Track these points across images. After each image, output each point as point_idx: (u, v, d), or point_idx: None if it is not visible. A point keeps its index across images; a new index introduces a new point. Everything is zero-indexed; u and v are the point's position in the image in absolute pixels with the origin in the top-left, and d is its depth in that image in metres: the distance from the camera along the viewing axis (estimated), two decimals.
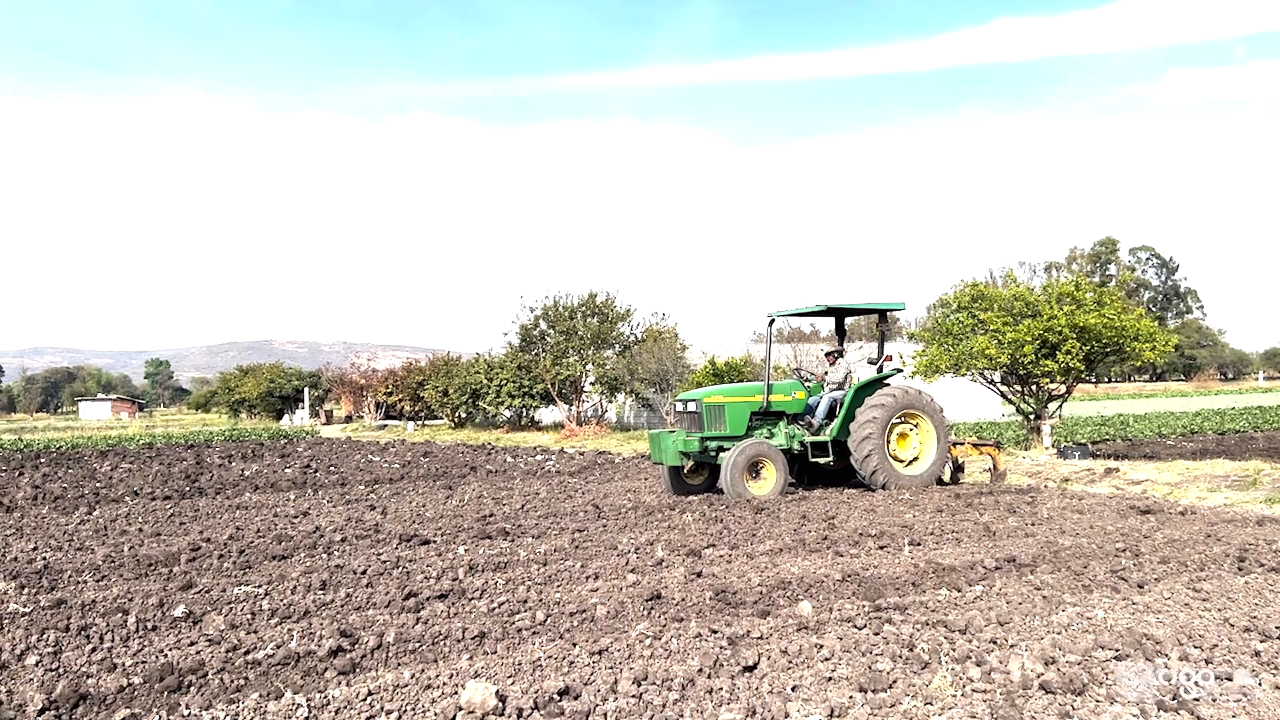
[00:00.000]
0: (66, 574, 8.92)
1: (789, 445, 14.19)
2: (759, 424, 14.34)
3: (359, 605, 7.44)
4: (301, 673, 5.74)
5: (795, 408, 14.52)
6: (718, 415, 13.94)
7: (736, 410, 14.04)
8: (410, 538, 10.50)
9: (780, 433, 14.33)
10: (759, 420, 14.32)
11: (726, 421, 13.94)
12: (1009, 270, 32.96)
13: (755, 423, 14.28)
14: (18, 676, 5.79)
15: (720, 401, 14.02)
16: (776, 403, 14.31)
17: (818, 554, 9.14)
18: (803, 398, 14.60)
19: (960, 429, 26.62)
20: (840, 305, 14.62)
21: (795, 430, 14.42)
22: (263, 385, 60.55)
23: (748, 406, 14.12)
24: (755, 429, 14.28)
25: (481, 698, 4.94)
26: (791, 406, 14.48)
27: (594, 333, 33.64)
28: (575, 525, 11.21)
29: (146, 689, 5.44)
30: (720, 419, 13.94)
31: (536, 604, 7.28)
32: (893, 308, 15.16)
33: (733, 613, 6.96)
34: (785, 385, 14.62)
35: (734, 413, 14.01)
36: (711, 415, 13.93)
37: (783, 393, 14.43)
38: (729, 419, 13.96)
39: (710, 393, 14.21)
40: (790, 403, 14.47)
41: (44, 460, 25.50)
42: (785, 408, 14.41)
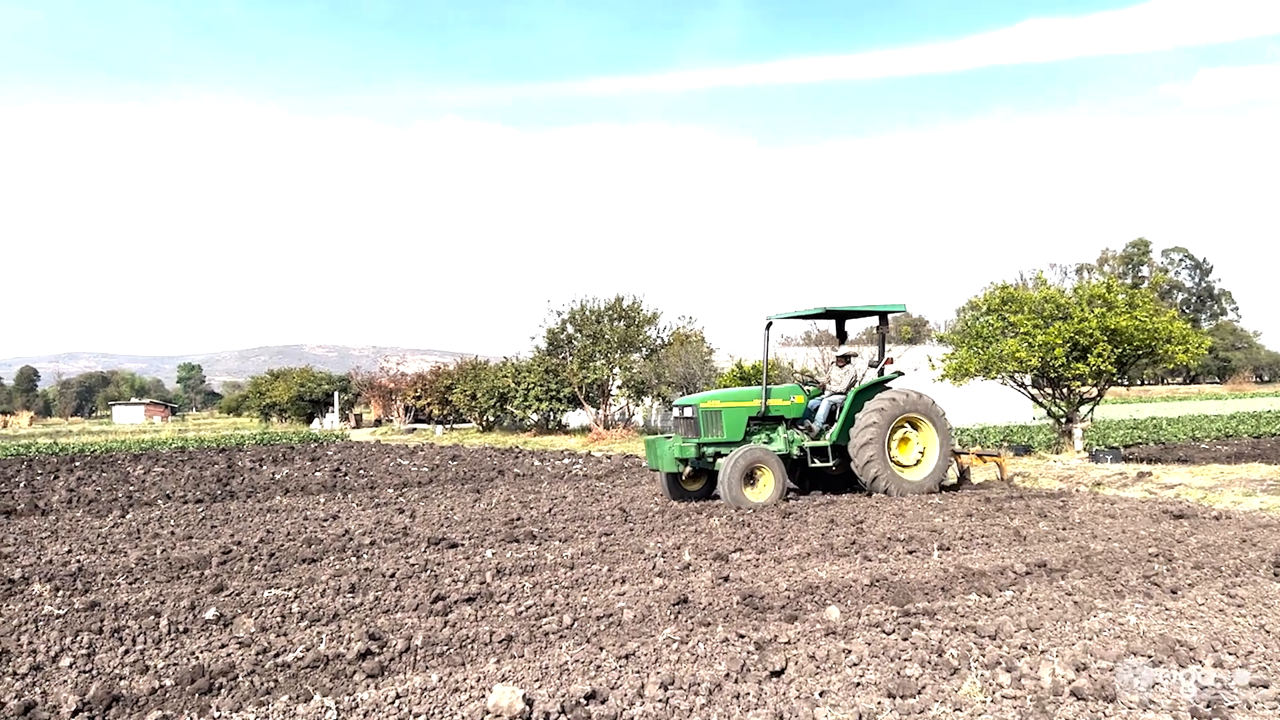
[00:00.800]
0: (100, 577, 9.03)
1: (788, 450, 14.01)
2: (757, 429, 14.14)
3: (387, 608, 7.47)
4: (330, 675, 5.78)
5: (795, 412, 14.30)
6: (714, 421, 13.75)
7: (734, 415, 13.83)
8: (438, 541, 10.55)
9: (779, 438, 14.12)
10: (757, 425, 14.13)
11: (724, 427, 13.76)
12: (1039, 272, 32.75)
13: (753, 428, 14.08)
14: (52, 678, 5.86)
15: (717, 407, 13.82)
16: (775, 407, 14.10)
17: (845, 558, 9.09)
18: (802, 402, 14.38)
19: (990, 432, 26.43)
20: (838, 307, 14.47)
21: (795, 435, 14.22)
22: (293, 389, 61.01)
23: (745, 411, 13.90)
24: (753, 434, 14.07)
25: (508, 701, 4.95)
26: (791, 411, 14.26)
27: (621, 336, 33.65)
28: (602, 529, 11.21)
29: (178, 691, 5.49)
30: (717, 424, 13.75)
31: (563, 608, 7.29)
32: (893, 309, 14.91)
33: (760, 617, 6.94)
34: (784, 389, 14.42)
35: (731, 418, 13.80)
36: (708, 421, 13.74)
37: (781, 397, 14.22)
38: (726, 424, 13.77)
39: (706, 398, 14.05)
40: (789, 407, 14.24)
41: (78, 464, 25.83)
42: (784, 412, 14.19)
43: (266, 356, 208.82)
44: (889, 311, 14.95)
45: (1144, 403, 59.78)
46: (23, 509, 15.29)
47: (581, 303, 35.06)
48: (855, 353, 15.31)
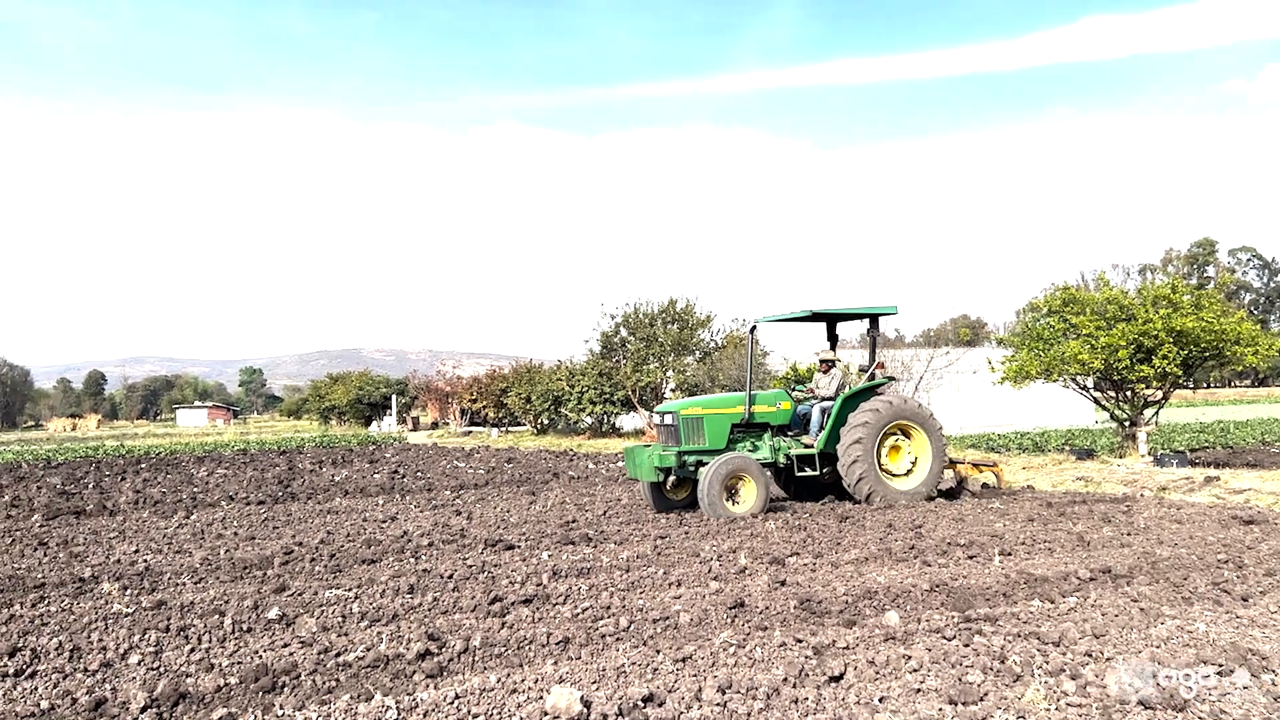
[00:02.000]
0: (166, 576, 9.22)
1: (774, 458, 13.52)
2: (742, 436, 13.64)
3: (446, 609, 7.54)
4: (390, 675, 5.84)
5: (781, 419, 13.78)
6: (696, 428, 13.24)
7: (716, 422, 13.33)
8: (495, 543, 10.62)
9: (765, 445, 13.62)
10: (742, 433, 13.62)
11: (706, 435, 13.24)
12: (1101, 273, 32.16)
13: (738, 435, 13.58)
14: (121, 675, 6.00)
15: (699, 413, 13.31)
16: (760, 414, 13.59)
17: (904, 563, 8.99)
18: (788, 408, 13.85)
19: (1051, 436, 26.00)
20: (826, 310, 14.04)
21: (782, 442, 13.72)
22: (352, 393, 61.88)
23: (728, 418, 13.40)
24: (737, 442, 13.57)
25: (566, 703, 4.97)
26: (777, 418, 13.74)
27: (674, 339, 33.66)
28: (657, 532, 11.21)
29: (242, 689, 5.59)
30: (699, 432, 13.24)
31: (620, 610, 7.29)
32: (884, 312, 14.22)
33: (818, 622, 6.89)
34: (769, 395, 13.88)
35: (713, 425, 13.31)
36: (689, 428, 13.23)
37: (767, 403, 13.70)
38: (708, 432, 13.26)
39: (688, 404, 13.57)
40: (775, 414, 13.72)
41: (144, 466, 26.42)
42: (770, 419, 13.68)
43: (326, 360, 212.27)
44: (880, 314, 14.29)
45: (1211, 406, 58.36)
46: (92, 510, 15.68)
47: (635, 306, 35.17)
48: (838, 357, 14.69)
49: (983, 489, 14.53)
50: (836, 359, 14.53)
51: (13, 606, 7.97)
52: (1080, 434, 27.03)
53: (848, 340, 42.55)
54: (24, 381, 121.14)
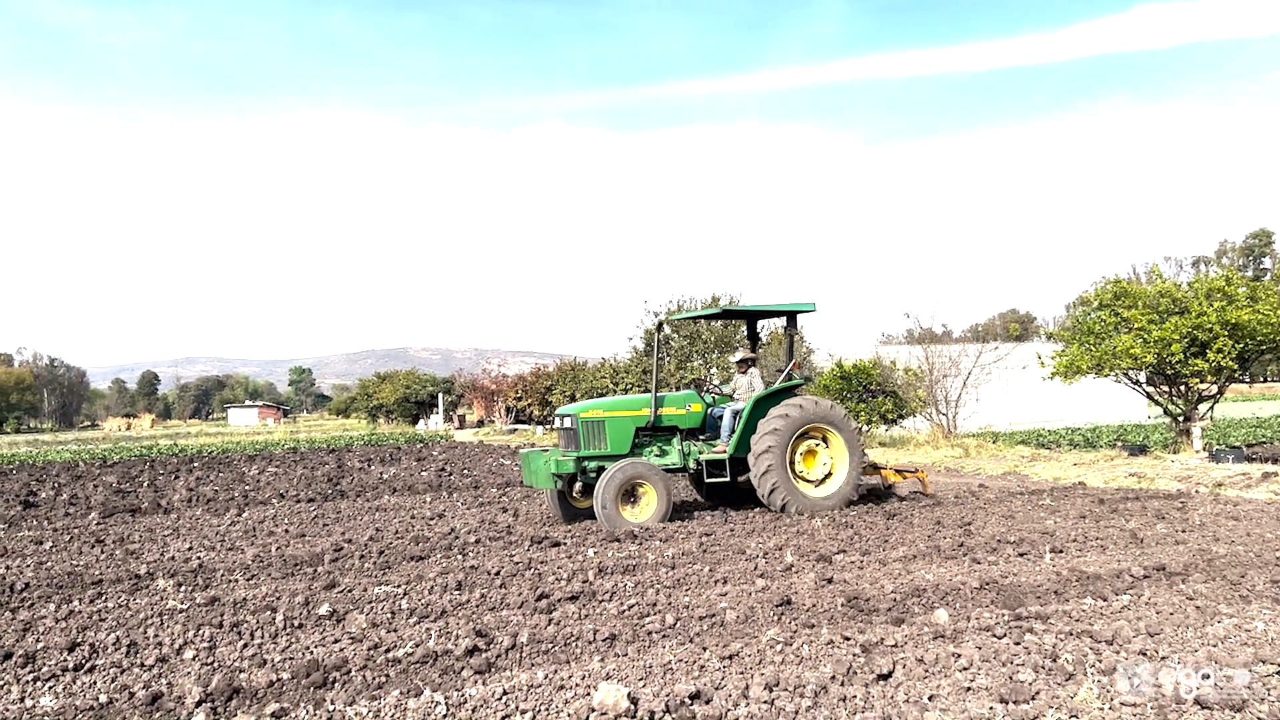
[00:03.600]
0: (219, 573, 9.37)
1: (684, 464, 12.83)
2: (649, 440, 12.87)
3: (493, 606, 7.59)
4: (439, 671, 5.89)
5: (691, 422, 13.06)
6: (596, 432, 12.48)
7: (619, 426, 12.54)
8: (541, 540, 10.66)
9: (674, 450, 12.88)
10: (649, 436, 12.85)
11: (607, 438, 12.46)
12: (1154, 266, 31.55)
13: (644, 439, 12.81)
14: (177, 670, 6.11)
15: (599, 416, 12.53)
16: (668, 416, 12.85)
17: (953, 561, 8.90)
18: (699, 410, 13.13)
19: (1103, 432, 25.60)
20: (737, 307, 13.49)
21: (693, 447, 13.00)
22: (399, 391, 62.48)
23: (632, 421, 12.61)
24: (644, 446, 12.81)
25: (614, 700, 4.98)
26: (687, 421, 13.01)
27: (718, 336, 33.56)
28: (702, 529, 11.19)
29: (294, 684, 5.67)
30: (600, 436, 12.48)
31: (666, 607, 7.29)
32: (802, 309, 13.44)
33: (865, 620, 6.84)
34: (679, 397, 13.13)
35: (616, 428, 12.52)
36: (589, 432, 12.46)
37: (675, 405, 12.97)
38: (610, 436, 12.48)
39: (587, 406, 12.82)
40: (685, 416, 13.00)
41: (197, 464, 26.87)
42: (679, 422, 12.94)
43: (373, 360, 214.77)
44: (798, 311, 13.51)
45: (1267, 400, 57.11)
46: (146, 507, 15.98)
47: (678, 303, 35.07)
48: (756, 357, 13.90)
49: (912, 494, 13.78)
50: (755, 359, 13.80)
51: (71, 602, 8.15)
52: (1133, 429, 26.58)
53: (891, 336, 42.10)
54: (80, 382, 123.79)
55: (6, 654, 6.42)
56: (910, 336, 28.51)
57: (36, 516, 15.16)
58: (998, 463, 19.70)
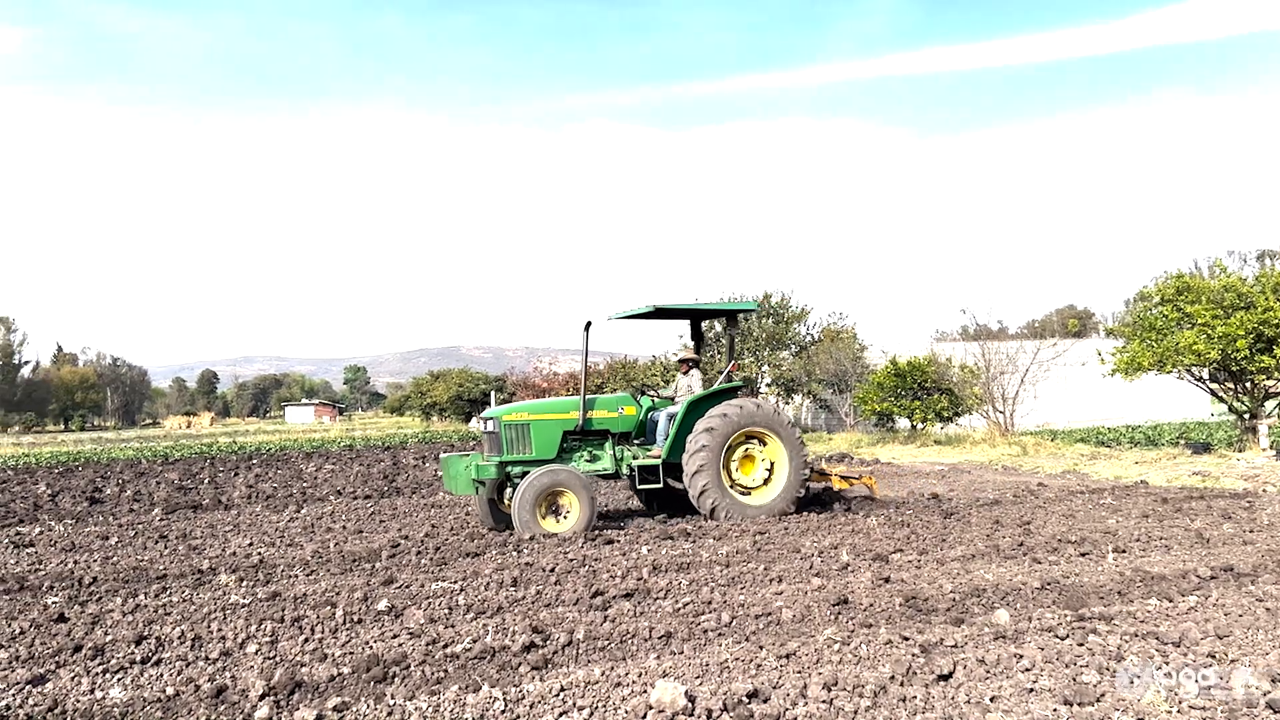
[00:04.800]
0: (279, 568, 9.52)
1: (616, 469, 12.29)
2: (578, 445, 12.28)
3: (548, 602, 7.62)
4: (497, 667, 5.93)
5: (624, 425, 12.39)
6: (521, 436, 11.87)
7: (545, 429, 11.94)
8: (594, 537, 10.68)
9: (606, 455, 12.32)
10: (578, 440, 12.26)
11: (532, 443, 11.87)
12: (1217, 260, 30.85)
13: (573, 443, 12.23)
14: (240, 663, 6.21)
15: (524, 419, 11.94)
16: (599, 420, 12.22)
17: (1013, 560, 8.77)
18: (633, 414, 12.45)
19: (1165, 430, 25.08)
20: (670, 305, 12.51)
21: (626, 452, 12.39)
22: (452, 389, 63.04)
23: (559, 425, 12.02)
24: (573, 451, 12.24)
25: (671, 697, 4.97)
26: (619, 424, 12.35)
27: (769, 333, 33.41)
28: (756, 527, 11.14)
29: (355, 679, 5.74)
30: (524, 440, 11.87)
31: (721, 605, 7.27)
32: (742, 309, 13.00)
33: (924, 619, 6.76)
34: (611, 400, 12.52)
35: (542, 432, 11.92)
36: (513, 435, 11.85)
37: (607, 408, 12.33)
38: (535, 440, 11.88)
39: (511, 409, 12.24)
40: (617, 420, 12.34)
41: (255, 461, 27.31)
42: (611, 425, 12.30)
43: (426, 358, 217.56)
44: (738, 311, 12.93)
45: None
46: (207, 504, 16.29)
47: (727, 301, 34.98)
48: (698, 358, 13.27)
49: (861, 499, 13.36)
50: (697, 359, 13.20)
51: (137, 596, 8.32)
52: (1196, 427, 26.01)
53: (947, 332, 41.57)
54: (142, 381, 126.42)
55: (76, 646, 6.58)
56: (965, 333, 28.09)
57: (102, 512, 15.53)
58: (1056, 461, 19.39)
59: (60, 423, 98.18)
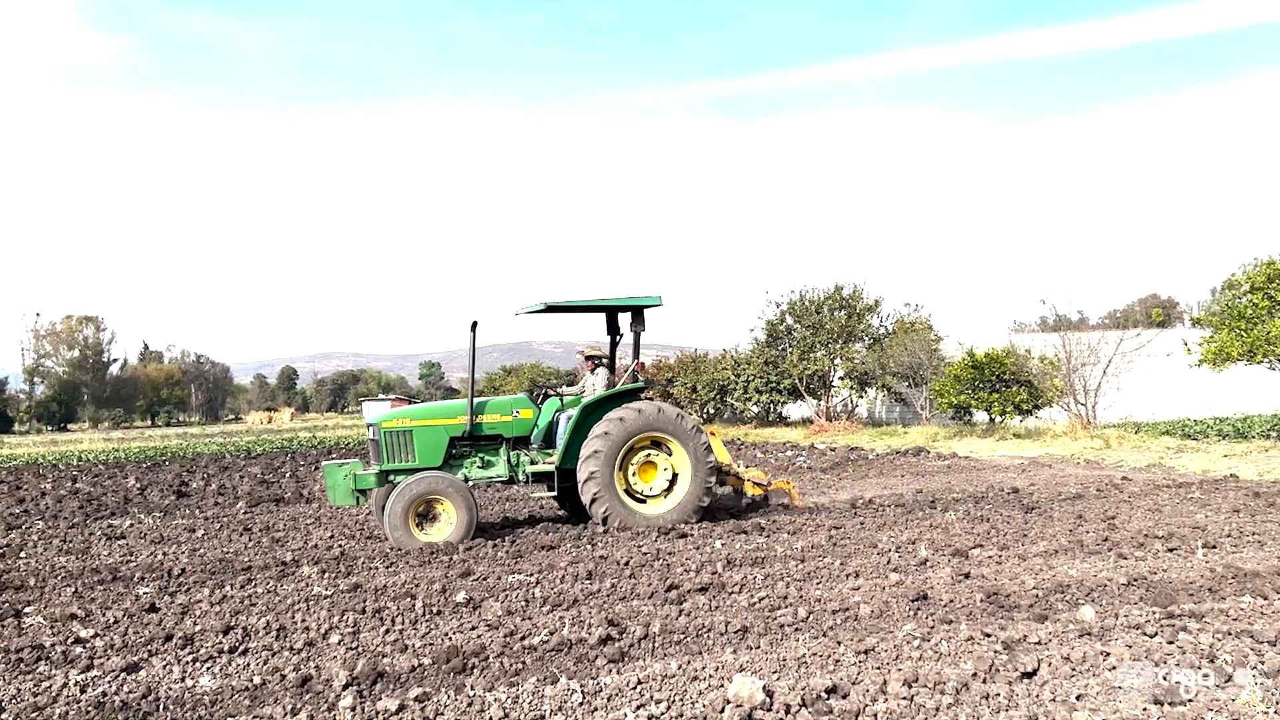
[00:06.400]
0: (360, 560, 9.69)
1: (511, 475, 11.65)
2: (469, 451, 11.65)
3: (623, 596, 7.64)
4: (574, 659, 5.97)
5: (519, 429, 11.72)
6: (402, 442, 11.25)
7: (429, 435, 11.29)
8: (668, 531, 10.69)
9: (500, 461, 11.67)
10: (468, 446, 11.61)
11: (415, 450, 11.25)
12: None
13: (463, 449, 11.60)
14: (324, 653, 6.34)
15: (405, 425, 11.31)
16: (489, 424, 11.55)
17: (1097, 556, 8.56)
18: (529, 416, 11.76)
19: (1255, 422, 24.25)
20: (565, 302, 11.82)
21: (523, 457, 11.73)
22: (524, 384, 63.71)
23: (444, 430, 11.36)
24: (463, 458, 11.62)
25: (749, 692, 4.95)
26: (513, 428, 11.68)
27: (841, 326, 33.08)
28: (831, 522, 11.04)
29: (435, 669, 5.82)
30: (406, 447, 11.25)
31: (797, 600, 7.22)
32: (647, 304, 11.89)
33: (1006, 616, 6.64)
34: (503, 403, 11.85)
35: (425, 438, 11.26)
36: (394, 443, 11.23)
37: (499, 412, 11.66)
38: (419, 447, 11.25)
39: (393, 415, 11.63)
40: (511, 424, 11.66)
41: (335, 455, 27.86)
42: (504, 430, 11.63)
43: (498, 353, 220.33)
44: (643, 305, 11.95)
45: None
46: (289, 497, 16.65)
47: (800, 293, 34.74)
48: (604, 357, 12.46)
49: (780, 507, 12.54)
50: (602, 358, 12.38)
51: (224, 587, 8.54)
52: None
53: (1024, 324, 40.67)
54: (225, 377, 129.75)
55: (167, 636, 6.77)
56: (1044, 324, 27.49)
57: (189, 506, 15.96)
58: (1141, 454, 18.88)
59: (147, 418, 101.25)
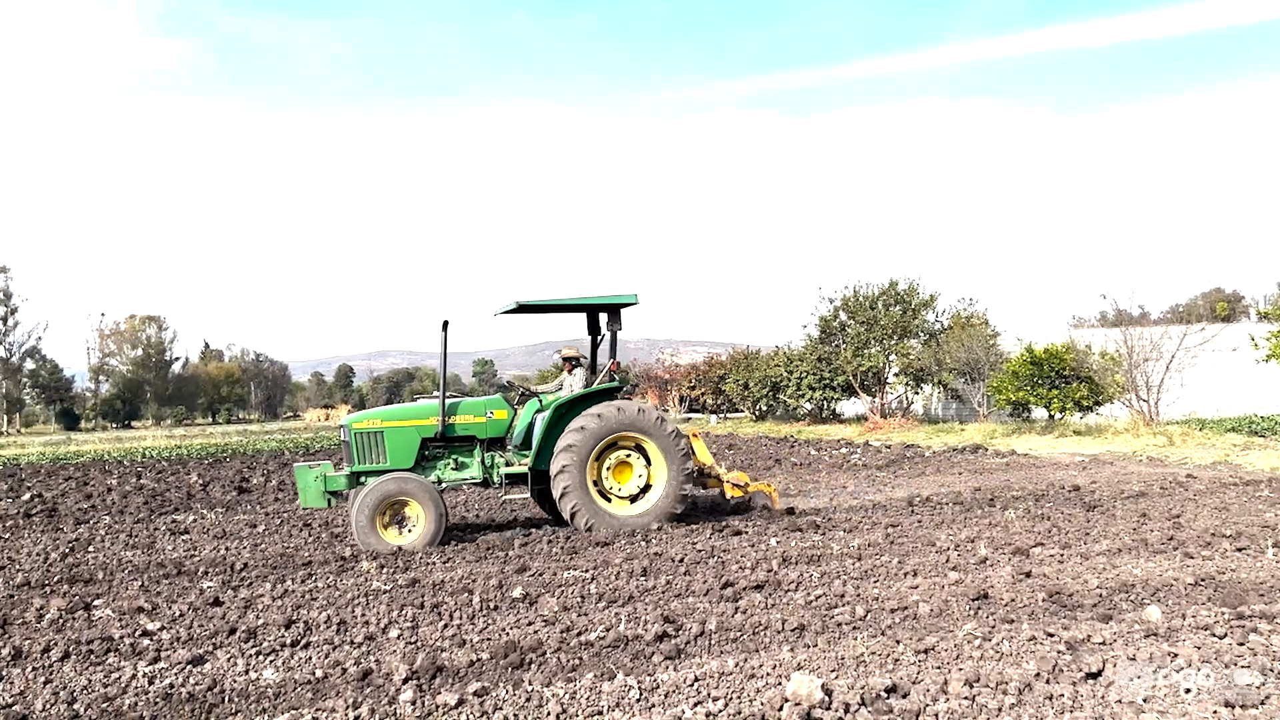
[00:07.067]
0: (417, 556, 9.79)
1: (484, 477, 11.51)
2: (442, 452, 11.49)
3: (679, 593, 7.64)
4: (630, 655, 5.97)
5: (493, 430, 11.54)
6: (373, 444, 11.12)
7: (400, 437, 11.16)
8: (722, 528, 10.67)
9: (474, 463, 11.52)
10: (441, 448, 11.46)
11: (386, 451, 11.12)
12: None
13: (436, 451, 11.45)
14: (383, 648, 6.42)
15: (375, 427, 11.20)
16: (463, 425, 11.40)
17: (1163, 555, 8.39)
18: (503, 417, 11.57)
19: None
20: (537, 301, 11.62)
21: (499, 458, 11.59)
22: None
23: (416, 431, 11.21)
24: (436, 459, 11.47)
25: (807, 690, 4.92)
26: (487, 429, 11.50)
27: (896, 321, 32.75)
28: (888, 520, 10.94)
29: (493, 664, 5.86)
30: (377, 448, 11.13)
31: (854, 599, 7.17)
32: (623, 302, 11.65)
33: (1069, 615, 6.52)
34: (477, 403, 11.67)
35: (397, 440, 11.14)
36: (364, 444, 11.12)
37: (472, 413, 11.49)
38: (390, 448, 11.12)
39: (364, 416, 11.59)
40: (485, 425, 11.48)
41: None
42: (478, 431, 11.46)
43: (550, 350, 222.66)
44: (619, 304, 11.74)
45: None
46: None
47: (854, 289, 34.43)
48: (583, 357, 12.33)
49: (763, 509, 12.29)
50: (579, 358, 12.24)
51: (285, 582, 8.68)
52: None
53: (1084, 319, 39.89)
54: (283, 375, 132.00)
55: (231, 629, 6.90)
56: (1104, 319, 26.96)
57: (250, 501, 16.25)
58: (1206, 451, 18.45)
59: (208, 416, 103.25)
